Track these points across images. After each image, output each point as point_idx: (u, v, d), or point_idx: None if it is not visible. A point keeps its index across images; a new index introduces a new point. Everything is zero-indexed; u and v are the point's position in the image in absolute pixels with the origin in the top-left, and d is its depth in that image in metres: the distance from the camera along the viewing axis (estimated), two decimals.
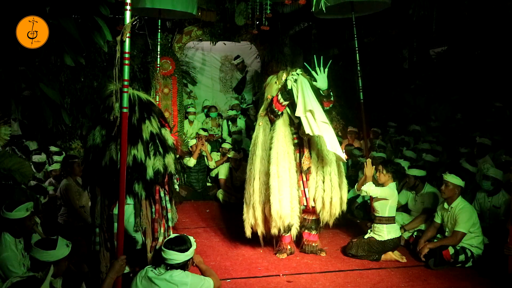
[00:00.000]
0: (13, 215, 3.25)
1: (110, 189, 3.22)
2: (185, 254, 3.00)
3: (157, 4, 5.46)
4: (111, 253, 3.30)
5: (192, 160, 7.28)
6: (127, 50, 2.80)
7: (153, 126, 3.26)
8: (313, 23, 9.20)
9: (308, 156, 4.52)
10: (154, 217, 3.28)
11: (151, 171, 3.17)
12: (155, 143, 3.23)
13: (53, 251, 2.79)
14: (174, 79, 7.91)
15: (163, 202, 3.35)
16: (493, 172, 4.75)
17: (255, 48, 8.58)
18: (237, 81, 9.66)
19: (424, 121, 7.76)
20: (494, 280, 4.03)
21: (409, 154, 6.30)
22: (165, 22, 8.02)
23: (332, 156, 4.48)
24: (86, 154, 3.35)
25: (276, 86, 4.61)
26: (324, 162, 4.48)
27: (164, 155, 3.27)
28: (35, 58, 4.04)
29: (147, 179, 3.16)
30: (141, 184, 3.19)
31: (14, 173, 4.00)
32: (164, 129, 3.36)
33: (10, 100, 3.91)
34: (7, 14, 3.40)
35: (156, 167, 3.19)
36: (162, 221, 3.34)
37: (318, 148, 4.52)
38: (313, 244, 4.75)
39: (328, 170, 4.47)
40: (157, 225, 3.29)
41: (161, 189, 3.32)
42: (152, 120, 3.28)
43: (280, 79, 4.62)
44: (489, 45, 7.12)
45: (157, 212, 3.29)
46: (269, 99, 4.60)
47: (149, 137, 3.21)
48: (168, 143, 3.33)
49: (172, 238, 3.09)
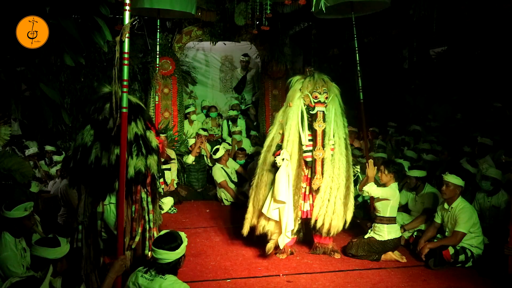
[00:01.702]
0: (12, 214, 3.26)
1: (94, 187, 3.32)
2: (176, 252, 2.86)
3: (156, 4, 5.47)
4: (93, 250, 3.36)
5: (190, 157, 7.25)
6: (126, 50, 2.80)
7: (138, 128, 3.35)
8: (313, 23, 9.19)
9: (319, 177, 4.42)
10: (133, 216, 3.33)
11: (132, 170, 3.24)
12: (138, 144, 3.31)
13: (58, 248, 2.85)
14: (174, 79, 7.91)
15: (143, 203, 3.39)
16: (493, 172, 4.75)
17: (255, 48, 8.57)
18: (237, 81, 9.66)
19: (424, 121, 7.77)
20: (494, 280, 4.03)
21: (410, 154, 6.30)
22: (165, 22, 8.01)
23: (343, 181, 4.46)
24: (74, 153, 3.40)
25: (299, 94, 4.50)
26: (333, 184, 4.45)
27: (147, 156, 3.34)
28: (35, 58, 4.04)
29: (127, 177, 3.20)
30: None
31: (14, 173, 4.01)
32: (149, 131, 3.44)
33: (10, 100, 3.90)
34: (7, 14, 3.40)
35: (138, 167, 3.26)
36: (141, 222, 3.38)
37: (332, 170, 4.46)
38: (325, 246, 4.73)
39: (334, 194, 4.44)
40: (135, 224, 3.34)
41: (142, 190, 3.38)
42: (138, 122, 3.36)
43: (305, 88, 4.48)
44: (489, 45, 7.12)
45: (136, 212, 3.34)
46: (290, 106, 4.53)
47: (133, 138, 3.29)
48: (152, 145, 3.41)
49: (161, 236, 2.97)
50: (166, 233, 2.98)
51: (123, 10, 2.77)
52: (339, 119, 4.54)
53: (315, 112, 4.39)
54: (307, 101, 4.45)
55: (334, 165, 4.45)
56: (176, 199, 6.75)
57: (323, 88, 4.43)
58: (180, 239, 2.92)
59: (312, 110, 4.41)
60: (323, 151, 4.39)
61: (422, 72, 8.52)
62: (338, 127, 4.51)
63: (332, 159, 4.46)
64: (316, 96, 4.39)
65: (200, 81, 9.47)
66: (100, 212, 3.32)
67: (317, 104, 4.39)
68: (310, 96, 4.42)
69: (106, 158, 3.22)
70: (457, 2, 6.71)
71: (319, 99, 4.39)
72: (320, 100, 4.39)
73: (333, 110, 4.49)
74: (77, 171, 3.37)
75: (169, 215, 6.31)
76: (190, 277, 4.10)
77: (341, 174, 4.45)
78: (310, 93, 4.42)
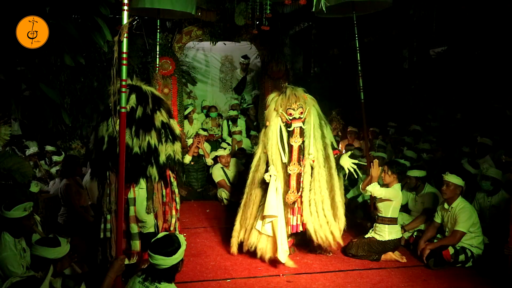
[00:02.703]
0: (11, 214, 3.26)
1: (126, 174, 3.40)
2: (173, 258, 2.69)
3: (156, 4, 5.46)
4: (126, 237, 3.53)
5: (187, 157, 7.25)
6: (125, 50, 2.80)
7: (163, 116, 3.60)
8: (313, 23, 9.20)
9: (293, 191, 4.40)
10: (165, 200, 3.55)
11: (163, 156, 3.48)
12: (165, 131, 3.56)
13: (58, 248, 2.86)
14: (174, 79, 7.91)
15: (173, 187, 3.65)
16: (493, 172, 4.75)
17: (255, 48, 8.57)
18: (237, 81, 9.66)
19: (424, 121, 7.76)
20: (494, 280, 4.03)
21: (410, 154, 6.30)
22: (165, 22, 8.01)
23: (325, 193, 4.42)
24: (97, 144, 3.56)
25: (275, 113, 4.52)
26: (316, 198, 4.40)
27: (174, 142, 3.59)
28: (35, 58, 4.03)
29: (160, 163, 3.46)
30: (155, 168, 3.47)
31: (14, 173, 4.00)
32: (173, 119, 3.73)
33: (10, 100, 3.90)
34: (7, 14, 3.40)
35: (167, 153, 3.51)
36: (173, 204, 3.63)
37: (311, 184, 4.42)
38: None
39: (321, 206, 4.41)
40: (168, 208, 3.58)
41: (171, 174, 3.63)
42: (162, 111, 3.62)
43: (278, 106, 4.50)
44: (489, 45, 7.11)
45: (167, 196, 3.57)
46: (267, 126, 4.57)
47: (161, 125, 3.54)
48: (176, 132, 3.67)
49: (158, 239, 2.80)
50: (164, 236, 2.82)
51: (121, 10, 2.77)
52: (316, 132, 4.50)
53: (292, 129, 4.44)
54: (283, 119, 4.48)
55: (314, 178, 4.42)
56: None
57: (297, 104, 4.44)
58: (177, 242, 2.76)
59: (290, 127, 4.46)
60: (299, 166, 4.41)
61: (422, 72, 8.52)
62: (316, 140, 4.48)
63: (312, 172, 4.43)
64: (290, 113, 4.44)
65: (200, 81, 9.47)
66: (132, 198, 3.48)
67: (293, 121, 4.44)
68: (285, 114, 4.45)
69: (137, 146, 3.42)
70: (457, 2, 6.72)
71: (294, 116, 4.43)
72: (294, 116, 4.43)
73: (311, 122, 4.48)
74: (103, 160, 3.52)
75: None
76: (190, 277, 4.10)
77: (322, 186, 4.41)
78: (285, 111, 4.45)
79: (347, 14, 5.58)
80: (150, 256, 2.70)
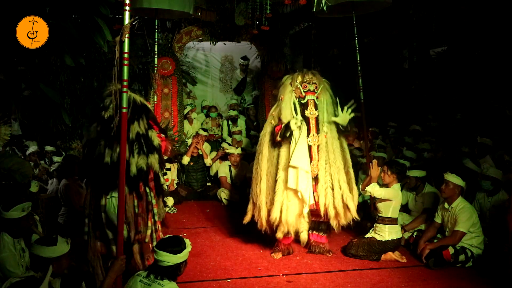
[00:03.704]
0: (9, 214, 3.26)
1: (97, 182, 3.47)
2: (178, 256, 2.81)
3: (154, 4, 5.46)
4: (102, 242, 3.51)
5: (186, 158, 7.27)
6: (126, 50, 2.80)
7: (140, 127, 3.48)
8: (313, 23, 9.19)
9: (315, 163, 4.45)
10: (137, 211, 3.44)
11: (134, 168, 3.38)
12: (140, 143, 3.44)
13: (54, 247, 2.84)
14: (174, 79, 7.90)
15: (148, 197, 3.53)
16: (493, 172, 4.75)
17: (255, 48, 8.57)
18: (237, 82, 9.66)
19: (424, 121, 7.76)
20: (494, 280, 4.03)
21: (409, 154, 6.30)
22: (165, 22, 8.01)
23: (340, 164, 4.49)
24: (83, 148, 3.61)
25: (290, 88, 4.61)
26: (332, 170, 4.46)
27: (148, 155, 3.47)
28: (35, 58, 4.03)
29: (131, 175, 3.35)
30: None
31: (14, 173, 4.00)
32: (151, 130, 3.57)
33: (10, 100, 3.90)
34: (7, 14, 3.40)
35: (139, 165, 3.40)
36: (149, 215, 3.52)
37: (326, 155, 4.50)
38: (321, 245, 4.74)
39: (337, 178, 4.45)
40: (140, 219, 3.47)
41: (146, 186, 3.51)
42: (140, 121, 3.50)
43: (295, 81, 4.63)
44: (489, 45, 7.11)
45: (140, 207, 3.46)
46: (282, 100, 4.61)
47: (135, 137, 3.43)
48: (154, 143, 3.54)
49: (165, 239, 2.94)
50: (171, 237, 2.96)
51: (123, 10, 2.77)
52: (330, 108, 4.61)
53: (305, 101, 4.52)
54: (297, 93, 4.57)
55: (329, 150, 4.50)
56: (176, 199, 6.77)
57: (312, 80, 4.58)
58: (184, 244, 2.89)
59: (303, 100, 4.53)
60: (318, 137, 4.45)
61: (422, 72, 8.51)
62: (329, 115, 4.58)
63: (326, 145, 4.51)
64: (305, 86, 4.55)
65: (200, 81, 9.46)
66: (103, 205, 3.45)
67: (307, 93, 4.55)
68: (300, 86, 4.56)
69: (109, 156, 3.35)
70: (457, 2, 6.72)
71: (309, 88, 4.55)
72: (309, 89, 4.55)
73: (324, 100, 4.59)
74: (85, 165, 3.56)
75: (169, 215, 6.29)
76: (190, 277, 4.10)
77: (337, 158, 4.50)
78: (300, 84, 4.57)
79: (347, 14, 5.58)
80: (156, 252, 2.81)
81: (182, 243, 2.88)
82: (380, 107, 8.34)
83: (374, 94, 7.61)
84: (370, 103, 6.37)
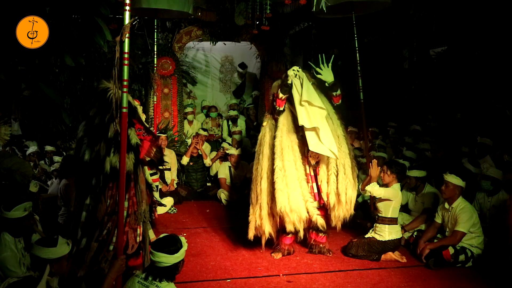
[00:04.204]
0: (11, 214, 3.26)
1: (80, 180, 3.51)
2: (175, 256, 2.75)
3: (153, 4, 5.46)
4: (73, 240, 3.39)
5: (185, 158, 7.27)
6: (127, 50, 2.80)
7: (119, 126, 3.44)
8: (313, 23, 9.19)
9: None
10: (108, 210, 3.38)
11: (108, 166, 3.34)
12: (116, 142, 3.35)
13: (54, 248, 2.83)
14: (174, 79, 7.91)
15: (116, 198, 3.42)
16: (493, 172, 4.75)
17: (255, 48, 8.57)
18: (235, 86, 9.67)
19: (424, 121, 7.76)
20: (494, 280, 4.03)
21: (409, 154, 6.30)
22: (165, 22, 8.01)
23: (345, 149, 4.46)
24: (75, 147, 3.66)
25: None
26: (339, 154, 4.38)
27: None
28: (35, 58, 4.03)
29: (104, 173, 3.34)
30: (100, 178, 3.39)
31: (14, 173, 4.00)
32: (130, 129, 3.45)
33: (10, 100, 3.90)
34: (7, 14, 3.40)
35: (114, 164, 3.35)
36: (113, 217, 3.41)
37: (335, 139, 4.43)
38: (320, 245, 4.73)
39: (342, 163, 4.41)
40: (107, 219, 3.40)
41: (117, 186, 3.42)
42: None
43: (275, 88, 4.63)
44: (489, 45, 7.11)
45: (110, 207, 3.40)
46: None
47: (113, 136, 3.37)
48: (131, 142, 3.45)
49: (161, 239, 2.87)
50: (166, 236, 2.89)
51: (123, 10, 2.77)
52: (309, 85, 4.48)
53: None
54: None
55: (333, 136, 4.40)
56: (176, 199, 6.76)
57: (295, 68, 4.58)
58: (180, 243, 2.82)
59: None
60: None
61: (422, 72, 8.52)
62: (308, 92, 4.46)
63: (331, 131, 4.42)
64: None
65: (200, 81, 9.47)
66: (87, 204, 3.41)
67: None
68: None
69: (88, 154, 3.37)
70: (457, 2, 6.72)
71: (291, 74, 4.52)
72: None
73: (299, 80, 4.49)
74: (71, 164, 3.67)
75: (169, 215, 6.31)
76: (190, 277, 4.10)
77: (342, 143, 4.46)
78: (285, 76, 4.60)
79: (346, 14, 5.58)
80: (153, 254, 2.75)
81: (178, 242, 2.82)
82: (380, 107, 8.34)
83: (374, 94, 7.61)
84: (370, 103, 6.38)
